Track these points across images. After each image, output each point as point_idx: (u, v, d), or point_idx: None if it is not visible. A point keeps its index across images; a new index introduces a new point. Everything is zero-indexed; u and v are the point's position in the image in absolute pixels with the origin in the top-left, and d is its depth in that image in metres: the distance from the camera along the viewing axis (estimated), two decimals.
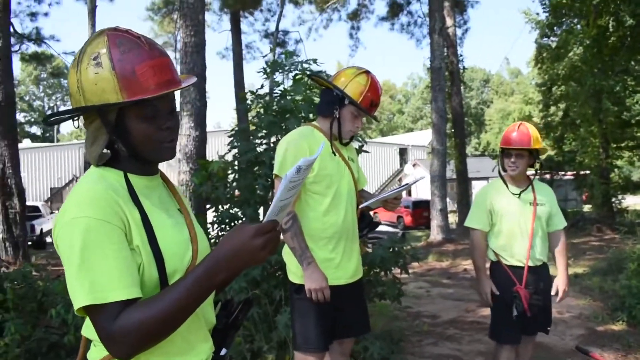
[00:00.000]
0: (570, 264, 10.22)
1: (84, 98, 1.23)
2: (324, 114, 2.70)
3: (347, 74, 2.65)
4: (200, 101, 8.19)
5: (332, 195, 2.59)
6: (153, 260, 1.22)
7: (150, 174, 1.37)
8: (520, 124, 3.45)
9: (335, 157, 2.66)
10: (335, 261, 2.63)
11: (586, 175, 20.71)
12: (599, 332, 5.54)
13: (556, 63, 19.77)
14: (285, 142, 2.63)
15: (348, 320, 2.75)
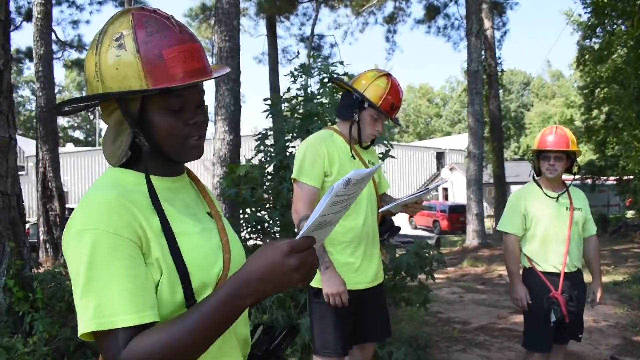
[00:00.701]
0: (610, 271, 9.95)
1: (102, 85, 1.07)
2: (343, 118, 2.69)
3: (367, 77, 2.63)
4: (235, 105, 8.30)
5: None
6: (176, 274, 1.06)
7: (175, 175, 1.21)
8: (557, 127, 3.40)
9: (354, 160, 2.64)
10: (355, 265, 2.61)
11: (629, 180, 20.09)
12: (636, 342, 5.36)
13: (599, 65, 19.31)
14: (304, 146, 2.62)
15: (368, 325, 2.72)
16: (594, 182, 23.10)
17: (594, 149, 23.01)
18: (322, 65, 4.74)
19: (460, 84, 67.39)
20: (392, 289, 4.42)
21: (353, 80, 2.71)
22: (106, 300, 0.96)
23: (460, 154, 39.62)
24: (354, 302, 2.60)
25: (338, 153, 2.59)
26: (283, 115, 4.81)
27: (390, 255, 4.49)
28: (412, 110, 76.38)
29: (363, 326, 2.70)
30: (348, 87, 2.67)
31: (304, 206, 2.50)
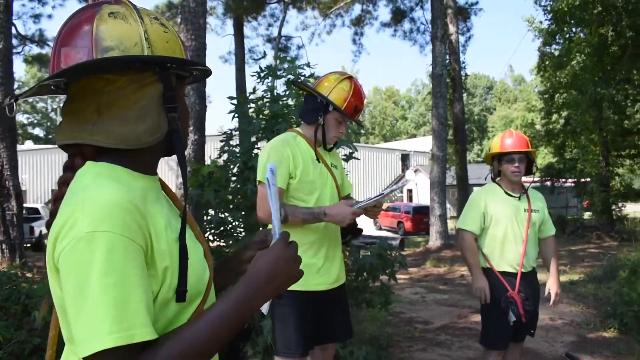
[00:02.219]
0: (567, 271, 10.25)
1: (151, 51, 1.04)
2: (308, 121, 2.70)
3: (330, 80, 2.66)
4: (200, 105, 8.25)
5: (315, 202, 2.61)
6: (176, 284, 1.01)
7: (154, 173, 1.15)
8: (510, 131, 3.48)
9: (318, 163, 2.66)
10: (317, 266, 2.63)
11: (587, 182, 20.72)
12: (590, 339, 5.55)
13: (558, 71, 19.81)
14: (268, 149, 2.63)
15: (330, 326, 2.75)
16: (553, 184, 23.73)
17: (554, 152, 23.64)
18: (288, 67, 4.75)
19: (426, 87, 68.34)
20: (354, 290, 4.46)
21: (316, 84, 2.73)
22: (124, 312, 0.87)
23: (425, 156, 40.14)
24: (317, 303, 2.63)
25: (302, 155, 2.60)
26: (249, 115, 4.81)
27: (353, 257, 4.54)
28: (378, 112, 76.97)
29: (325, 327, 2.72)
30: (312, 91, 2.69)
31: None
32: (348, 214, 2.46)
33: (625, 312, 5.61)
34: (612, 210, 19.67)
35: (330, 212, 2.47)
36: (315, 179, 2.63)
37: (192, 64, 1.13)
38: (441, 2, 16.70)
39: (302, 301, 2.59)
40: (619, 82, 17.42)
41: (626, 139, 20.46)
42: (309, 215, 2.50)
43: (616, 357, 4.90)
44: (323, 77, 2.73)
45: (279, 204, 1.19)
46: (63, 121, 1.08)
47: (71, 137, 1.05)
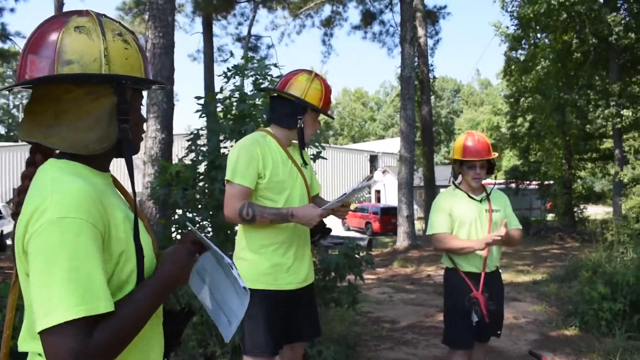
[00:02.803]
0: (530, 271, 10.49)
1: (109, 69, 1.16)
2: (289, 126, 2.67)
3: (301, 81, 2.65)
4: (168, 103, 8.14)
5: (284, 201, 2.61)
6: (135, 269, 1.18)
7: (107, 171, 1.30)
8: (473, 134, 3.44)
9: (288, 163, 2.66)
10: (287, 266, 2.63)
11: (550, 185, 21.21)
12: (552, 337, 5.68)
13: (524, 75, 20.20)
14: (237, 148, 2.61)
15: (299, 325, 2.75)
16: (518, 186, 24.20)
17: (518, 154, 24.15)
18: (257, 67, 4.73)
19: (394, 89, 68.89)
20: (322, 290, 4.47)
21: (282, 84, 2.69)
22: (90, 288, 1.02)
23: (393, 157, 40.44)
24: (286, 302, 2.63)
25: (271, 155, 2.60)
26: (216, 115, 4.77)
27: (321, 256, 4.55)
28: (347, 113, 77.29)
29: (294, 326, 2.72)
30: (288, 96, 2.65)
31: (238, 205, 2.50)
32: (315, 215, 2.47)
33: (586, 311, 5.76)
34: (574, 212, 20.20)
35: (297, 214, 2.47)
36: (285, 179, 2.62)
37: (147, 82, 1.25)
38: (410, 5, 16.87)
39: (271, 300, 2.59)
40: (581, 87, 17.90)
41: (588, 143, 21.05)
42: (277, 216, 2.50)
43: (577, 354, 5.02)
44: (291, 80, 2.68)
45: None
46: (24, 119, 1.20)
47: (29, 137, 1.17)
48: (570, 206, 19.79)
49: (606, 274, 5.98)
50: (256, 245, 2.61)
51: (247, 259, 2.62)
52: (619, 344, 4.91)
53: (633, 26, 16.66)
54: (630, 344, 4.96)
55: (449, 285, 3.46)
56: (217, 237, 4.45)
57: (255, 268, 2.59)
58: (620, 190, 17.80)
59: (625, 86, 17.38)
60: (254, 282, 2.56)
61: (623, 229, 7.43)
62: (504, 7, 19.69)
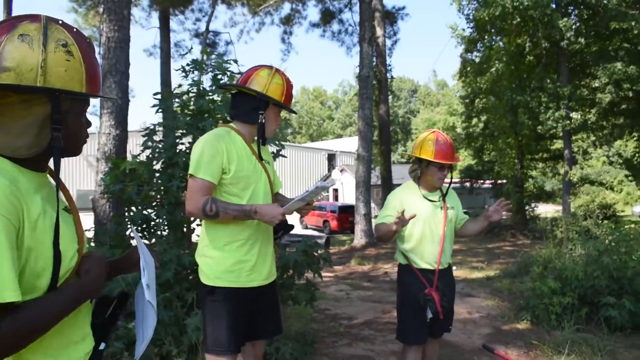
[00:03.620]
0: (484, 267, 10.73)
1: (44, 79, 1.20)
2: (250, 122, 2.65)
3: (262, 77, 2.63)
4: (122, 99, 7.94)
5: (249, 197, 2.58)
6: (51, 263, 1.21)
7: (43, 170, 1.35)
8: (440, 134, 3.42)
9: (252, 158, 2.65)
10: (250, 263, 2.61)
11: (503, 184, 21.77)
12: (505, 331, 5.82)
13: (479, 77, 20.66)
14: (202, 142, 2.57)
15: (261, 322, 2.75)
16: (472, 185, 24.78)
17: (473, 154, 24.68)
18: (215, 63, 4.67)
19: (353, 88, 69.40)
20: (280, 287, 4.45)
21: (248, 82, 2.65)
22: None
23: (351, 156, 40.76)
24: (248, 299, 2.62)
25: (236, 151, 2.57)
26: (173, 111, 4.68)
27: (279, 254, 4.54)
28: (305, 112, 77.34)
29: (256, 323, 2.72)
30: (249, 91, 2.63)
31: (201, 200, 2.47)
32: (278, 213, 2.46)
33: (537, 305, 5.94)
34: (526, 211, 20.83)
35: (261, 211, 2.46)
36: (250, 175, 2.61)
37: (81, 95, 1.28)
38: (369, 5, 17.00)
39: (234, 297, 2.57)
40: (534, 89, 18.43)
41: (539, 144, 21.72)
42: (240, 213, 2.48)
43: (528, 347, 5.17)
44: (252, 75, 2.66)
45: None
46: None
47: None
48: (522, 205, 20.38)
49: (556, 270, 6.19)
50: (220, 242, 2.58)
51: (210, 256, 2.60)
52: (568, 336, 5.07)
53: (583, 31, 17.28)
54: (578, 336, 5.14)
55: (402, 282, 3.48)
56: (175, 235, 4.39)
57: (219, 265, 2.57)
58: (569, 189, 18.45)
59: (574, 89, 17.99)
60: (217, 280, 2.56)
61: (572, 226, 7.69)
62: (461, 10, 20.10)
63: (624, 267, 5.67)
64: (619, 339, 5.18)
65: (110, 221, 6.31)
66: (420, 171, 3.44)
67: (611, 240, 6.26)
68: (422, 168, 3.41)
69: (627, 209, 35.79)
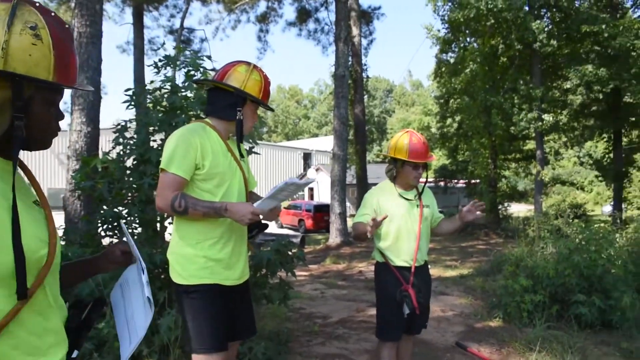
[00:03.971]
0: (457, 266, 10.81)
1: (4, 62, 1.12)
2: (229, 118, 2.60)
3: (240, 72, 2.58)
4: (94, 95, 7.80)
5: (223, 194, 2.53)
6: (7, 254, 1.12)
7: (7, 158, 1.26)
8: (414, 134, 3.47)
9: (228, 155, 2.59)
10: (224, 262, 2.55)
11: (476, 184, 22.02)
12: (478, 328, 5.88)
13: (453, 78, 20.84)
14: (176, 137, 2.51)
15: (237, 323, 2.69)
16: (446, 184, 25.02)
17: (447, 154, 24.91)
18: (189, 59, 4.61)
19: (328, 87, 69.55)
20: (253, 286, 4.41)
21: (225, 78, 2.59)
22: None
23: (326, 155, 40.80)
24: (225, 297, 2.56)
25: (211, 146, 2.52)
26: (146, 107, 4.60)
27: (253, 253, 4.49)
28: (280, 110, 77.22)
29: (233, 323, 2.66)
30: (227, 87, 2.57)
31: (170, 196, 2.41)
32: (248, 212, 2.39)
33: (509, 303, 6.01)
34: (499, 210, 21.10)
35: (231, 209, 2.39)
36: (225, 171, 2.55)
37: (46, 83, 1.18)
38: (345, 5, 17.02)
39: (212, 294, 2.52)
40: (507, 90, 18.66)
41: (512, 144, 22.01)
42: (210, 210, 2.41)
43: (501, 344, 5.22)
44: (229, 70, 2.60)
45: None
46: None
47: None
48: (495, 204, 20.64)
49: (528, 268, 6.27)
50: (191, 240, 2.52)
51: (182, 253, 2.54)
52: (539, 334, 5.14)
53: (555, 34, 17.55)
54: (549, 333, 5.21)
55: (379, 280, 3.51)
56: (146, 233, 4.31)
57: (192, 263, 2.51)
58: (541, 189, 18.73)
59: (547, 91, 18.27)
60: (191, 278, 2.49)
61: (543, 225, 7.79)
62: (436, 11, 20.25)
63: (594, 265, 5.77)
64: (589, 336, 5.27)
65: (81, 220, 6.20)
66: (396, 171, 3.51)
67: (581, 239, 6.37)
68: (398, 167, 3.48)
69: (597, 209, 36.58)
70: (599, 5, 19.57)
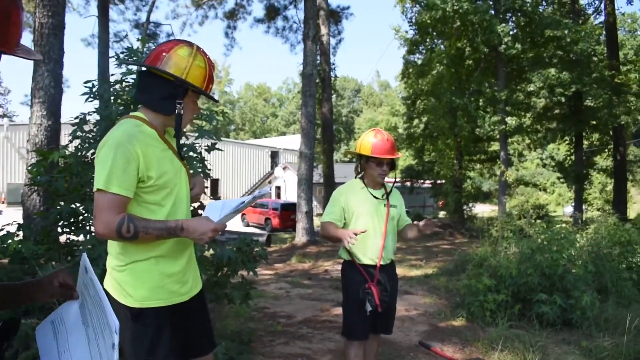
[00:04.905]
0: (422, 265, 10.89)
1: None
2: (167, 112, 2.19)
3: (182, 57, 2.15)
4: (55, 88, 7.56)
5: (172, 204, 2.20)
6: None
7: None
8: (380, 131, 3.51)
9: (171, 156, 2.23)
10: (180, 276, 2.24)
11: (442, 184, 22.28)
12: (441, 328, 5.89)
13: (420, 79, 21.07)
14: (112, 147, 2.05)
15: (195, 339, 2.39)
16: (413, 184, 25.26)
17: (414, 154, 25.17)
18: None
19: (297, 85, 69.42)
20: (214, 285, 4.31)
21: (162, 61, 2.15)
22: None
23: (294, 154, 40.71)
24: (180, 315, 2.25)
25: (153, 151, 2.13)
26: (107, 100, 4.45)
27: (214, 251, 4.39)
28: (248, 108, 76.79)
29: (189, 341, 2.35)
30: (164, 74, 2.15)
31: (115, 220, 2.01)
32: (209, 229, 2.07)
33: (472, 302, 6.05)
34: (464, 210, 21.40)
35: (188, 228, 2.06)
36: (172, 178, 2.19)
37: None
38: (314, 3, 16.98)
39: (167, 316, 2.19)
40: (472, 93, 18.94)
41: (477, 145, 22.37)
42: (164, 231, 2.06)
43: (464, 343, 5.24)
44: (167, 51, 2.16)
45: None
46: None
47: None
48: (460, 204, 20.94)
49: (491, 267, 6.33)
50: (143, 254, 2.15)
51: (132, 270, 2.16)
52: (501, 333, 5.18)
53: (520, 38, 17.89)
54: (511, 332, 5.26)
55: (345, 277, 3.50)
56: None
57: (145, 281, 2.16)
58: (505, 190, 19.04)
59: (511, 93, 18.60)
60: (144, 301, 2.15)
61: (507, 225, 7.90)
62: (404, 13, 20.41)
63: (555, 264, 5.85)
64: (550, 335, 5.34)
65: (36, 215, 5.99)
66: (361, 167, 3.54)
67: (543, 239, 6.46)
68: (363, 164, 3.50)
69: (558, 210, 37.49)
70: (562, 11, 20.05)
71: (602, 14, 20.27)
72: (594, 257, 6.62)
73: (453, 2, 16.68)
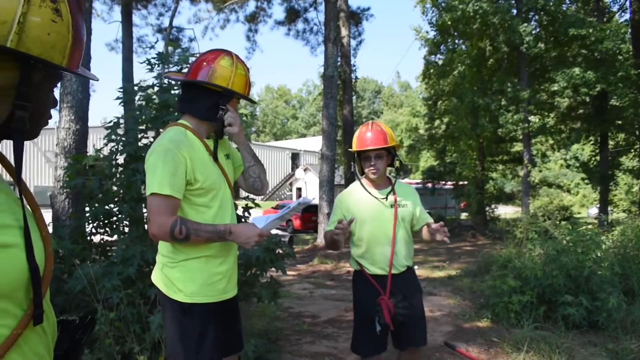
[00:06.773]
0: (445, 266, 10.88)
1: (19, 40, 0.91)
2: (209, 119, 2.34)
3: (225, 68, 2.29)
4: (83, 93, 7.75)
5: (218, 205, 2.34)
6: (26, 274, 0.96)
7: None
8: (373, 123, 3.20)
9: (211, 160, 2.36)
10: (226, 275, 2.39)
11: (464, 185, 22.16)
12: (466, 328, 5.91)
13: (442, 79, 20.97)
14: (161, 153, 2.19)
15: (230, 338, 2.51)
16: (434, 186, 25.15)
17: (435, 155, 25.06)
18: (180, 56, 4.60)
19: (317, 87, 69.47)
20: (243, 284, 4.41)
21: (209, 75, 2.29)
22: None
23: (314, 156, 40.83)
24: (221, 313, 2.39)
25: (199, 156, 2.28)
26: (138, 104, 4.58)
27: (242, 251, 4.48)
28: (269, 110, 77.14)
29: (229, 337, 2.48)
30: (214, 87, 2.29)
31: (169, 222, 2.15)
32: (255, 234, 2.21)
33: (497, 303, 6.05)
34: (486, 211, 21.25)
35: (236, 232, 2.21)
36: (216, 179, 2.33)
37: (59, 68, 0.99)
38: (334, 5, 17.03)
39: (212, 313, 2.33)
40: (494, 92, 18.81)
41: (499, 146, 22.19)
42: (214, 234, 2.20)
43: (489, 344, 5.26)
44: (212, 65, 2.30)
45: None
46: None
47: None
48: (482, 205, 20.79)
49: (515, 269, 6.32)
50: (195, 253, 2.28)
51: (186, 268, 2.29)
52: (526, 334, 5.18)
53: (542, 37, 17.72)
54: (537, 333, 5.26)
55: (355, 289, 3.24)
56: (137, 230, 4.29)
57: (196, 279, 2.29)
58: (529, 191, 18.86)
59: (534, 93, 18.42)
60: (194, 296, 2.28)
61: (531, 226, 7.86)
62: (425, 13, 20.36)
63: (581, 266, 5.83)
64: (576, 337, 5.32)
65: (69, 217, 6.16)
66: (356, 166, 3.28)
67: (569, 240, 6.43)
68: (358, 163, 3.25)
69: (583, 211, 36.95)
70: (586, 9, 19.80)
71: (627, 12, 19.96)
72: (620, 259, 6.56)
73: (473, 2, 16.60)
